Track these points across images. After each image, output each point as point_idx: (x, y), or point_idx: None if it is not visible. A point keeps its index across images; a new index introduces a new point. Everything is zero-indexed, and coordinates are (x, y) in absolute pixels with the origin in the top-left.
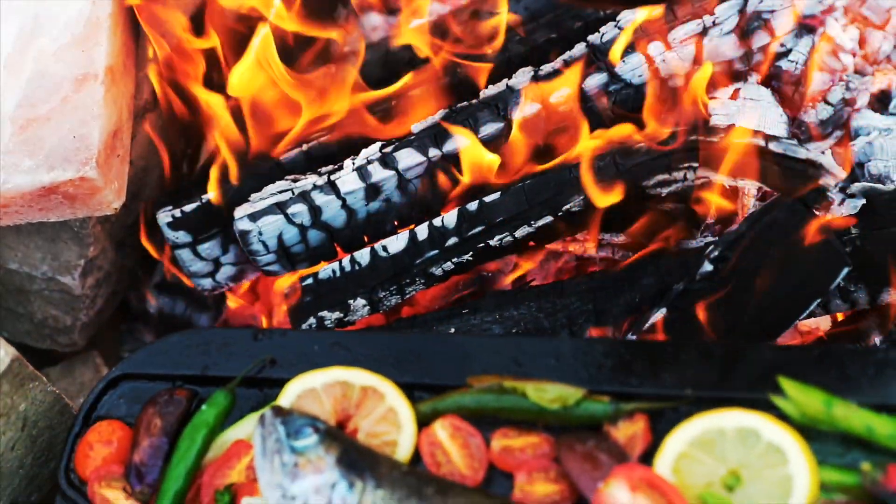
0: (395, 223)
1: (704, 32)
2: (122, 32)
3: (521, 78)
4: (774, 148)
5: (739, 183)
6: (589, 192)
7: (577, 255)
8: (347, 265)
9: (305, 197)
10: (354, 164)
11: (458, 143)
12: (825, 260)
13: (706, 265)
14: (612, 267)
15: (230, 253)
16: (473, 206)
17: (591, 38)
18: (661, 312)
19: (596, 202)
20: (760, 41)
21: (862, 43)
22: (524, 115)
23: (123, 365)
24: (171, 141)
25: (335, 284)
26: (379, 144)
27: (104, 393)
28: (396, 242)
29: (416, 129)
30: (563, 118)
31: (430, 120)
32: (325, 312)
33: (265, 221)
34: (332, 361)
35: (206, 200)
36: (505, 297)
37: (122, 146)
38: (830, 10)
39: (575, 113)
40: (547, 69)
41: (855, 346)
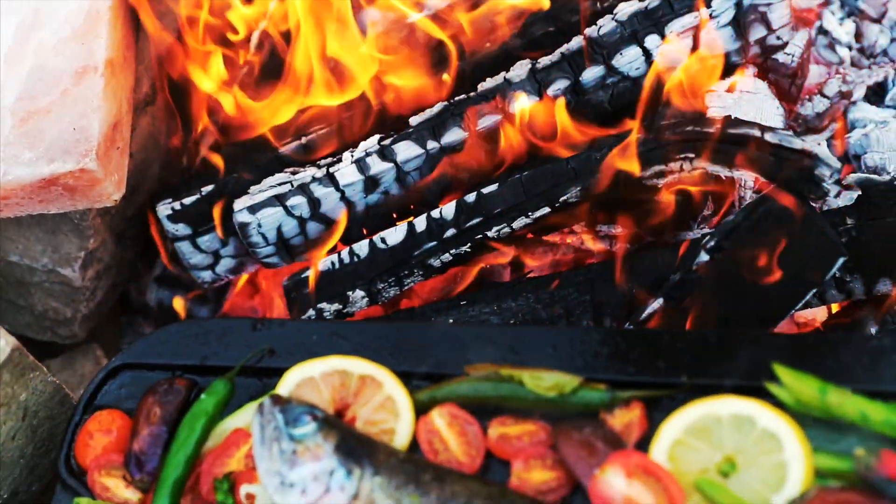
0: (393, 215)
1: (701, 25)
2: (121, 26)
3: (518, 71)
4: (770, 138)
5: (735, 174)
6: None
7: (574, 246)
8: (346, 257)
9: (304, 189)
10: (353, 156)
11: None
12: (821, 250)
13: (702, 255)
14: (609, 259)
15: (230, 245)
16: (471, 197)
17: (588, 31)
18: (657, 303)
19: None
20: (757, 34)
21: (858, 36)
22: (521, 108)
23: (123, 355)
24: (170, 133)
25: (334, 276)
26: (377, 137)
27: (104, 383)
28: (395, 234)
29: (414, 121)
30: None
31: (428, 112)
32: (324, 304)
33: (264, 213)
34: (330, 351)
35: (205, 193)
36: (503, 288)
37: (121, 138)
38: (826, 3)
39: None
40: (545, 62)
41: (849, 333)
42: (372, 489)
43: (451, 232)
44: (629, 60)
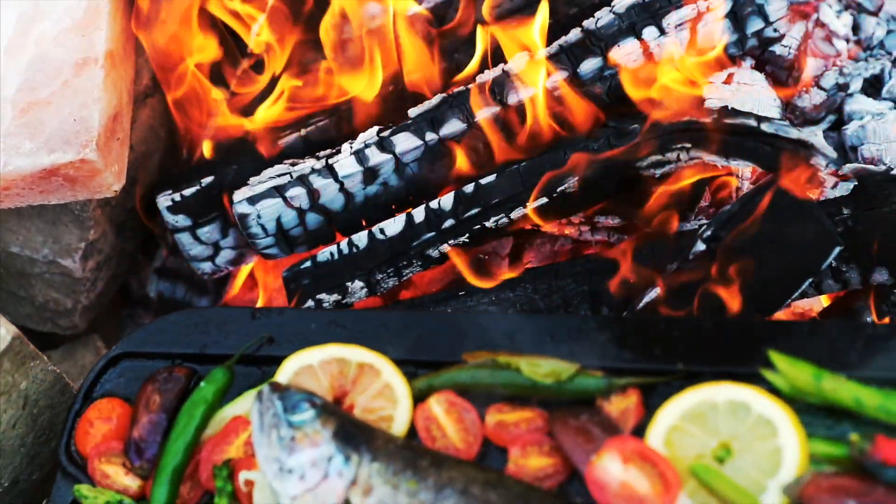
0: (392, 206)
1: (699, 17)
2: (121, 18)
3: (517, 62)
4: (766, 128)
5: (732, 163)
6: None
7: (572, 238)
8: (345, 248)
9: (304, 180)
10: (352, 148)
11: None
12: (817, 240)
13: (699, 244)
14: (607, 249)
15: (230, 237)
16: (469, 188)
17: (586, 23)
18: (654, 292)
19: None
20: (754, 26)
21: (855, 29)
22: (520, 99)
23: (123, 343)
24: (170, 126)
25: (333, 267)
26: (376, 129)
27: (104, 371)
28: (394, 225)
29: (413, 113)
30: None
31: (427, 104)
32: (323, 295)
33: (264, 205)
34: (329, 339)
35: (205, 184)
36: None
37: (122, 130)
38: None
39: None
40: (543, 54)
41: (844, 321)
42: (370, 475)
43: (449, 222)
44: (627, 52)
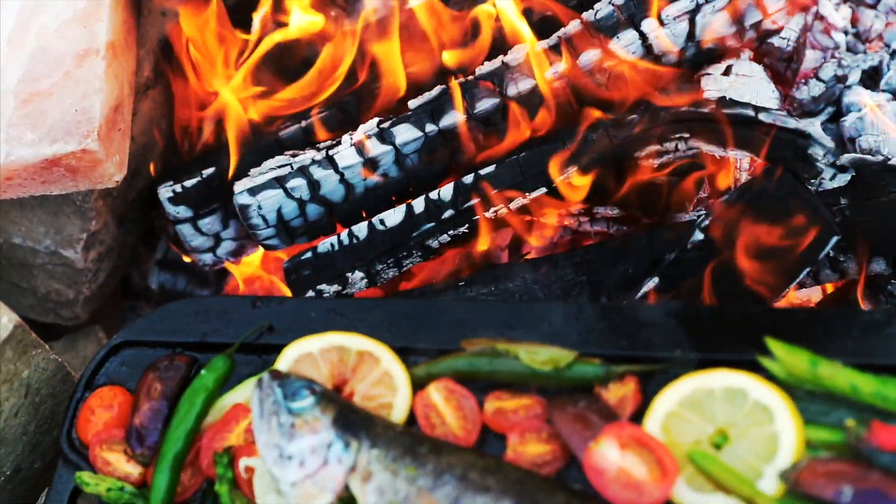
0: (392, 197)
1: (697, 9)
2: (122, 9)
3: (517, 54)
4: (764, 118)
5: (730, 153)
6: None
7: (571, 229)
8: (346, 239)
9: (304, 171)
10: (352, 139)
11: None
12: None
13: (697, 234)
14: (606, 240)
15: (230, 228)
16: (469, 178)
17: (585, 15)
18: (653, 282)
19: None
20: (752, 18)
21: (854, 21)
22: (520, 90)
23: (124, 332)
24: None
25: (333, 258)
26: (376, 120)
27: (105, 360)
28: (394, 216)
29: (413, 104)
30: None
31: (427, 96)
32: (323, 286)
33: (265, 196)
34: (328, 328)
35: (206, 176)
36: (500, 269)
37: (123, 120)
38: None
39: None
40: (542, 46)
41: (840, 309)
42: (369, 461)
43: (449, 213)
44: (626, 44)
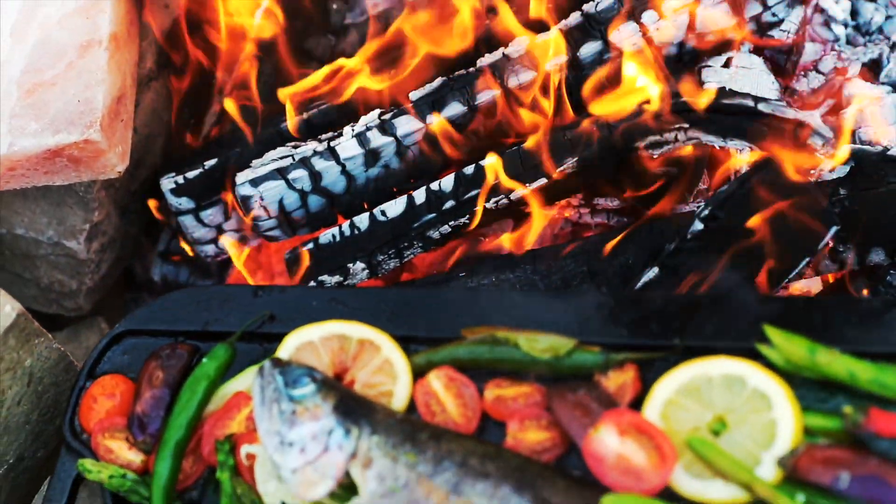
0: (393, 188)
1: (698, 1)
2: (125, 1)
3: (517, 46)
4: (763, 108)
5: (729, 143)
6: None
7: (572, 220)
8: (347, 230)
9: (306, 163)
10: (354, 130)
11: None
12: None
13: (696, 224)
14: (606, 231)
15: (232, 219)
16: (470, 169)
17: (585, 6)
18: (653, 271)
19: None
20: (752, 10)
21: (854, 14)
22: (519, 82)
23: (127, 321)
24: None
25: (335, 249)
26: (378, 112)
27: (108, 349)
28: (395, 207)
29: (414, 96)
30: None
31: (428, 87)
32: (325, 276)
33: (266, 187)
34: (329, 317)
35: (208, 167)
36: (501, 260)
37: (125, 111)
38: None
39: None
40: (543, 37)
41: (838, 297)
42: (370, 448)
43: (449, 203)
44: (626, 36)
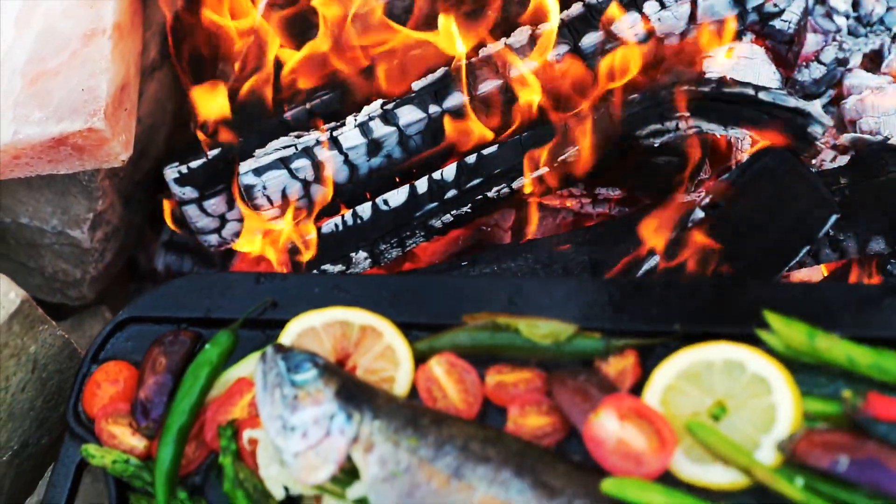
0: (396, 178)
1: None
2: None
3: (519, 37)
4: (764, 97)
5: (730, 132)
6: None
7: (574, 210)
8: (350, 219)
9: (308, 152)
10: (356, 120)
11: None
12: (814, 207)
13: (697, 212)
14: (607, 220)
15: (236, 209)
16: (472, 158)
17: None
18: (654, 259)
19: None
20: (754, 1)
21: (855, 5)
22: (522, 72)
23: (130, 308)
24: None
25: (338, 238)
26: (380, 101)
27: (111, 335)
28: (397, 196)
29: (416, 86)
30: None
31: (430, 77)
32: (327, 266)
33: (269, 176)
34: (331, 303)
35: (212, 157)
36: (503, 250)
37: (129, 100)
38: None
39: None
40: (544, 27)
41: (837, 282)
42: (371, 432)
43: (451, 193)
44: (628, 26)
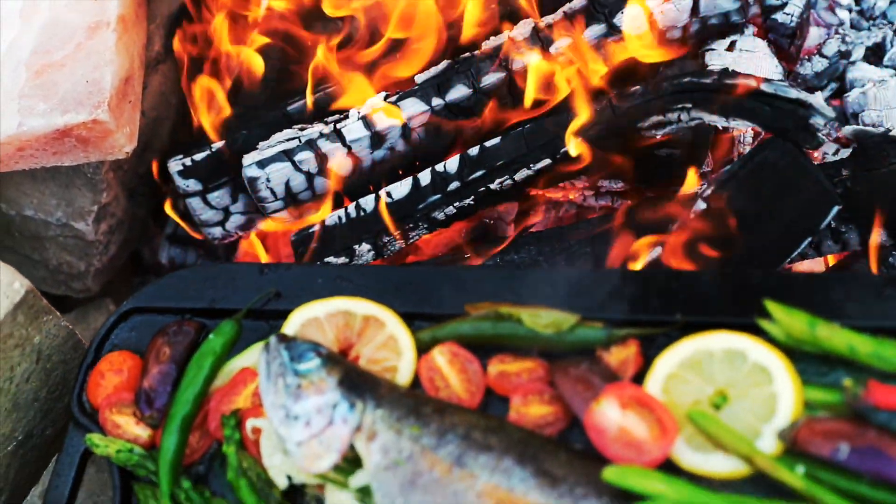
0: (399, 171)
1: None
2: None
3: (522, 29)
4: (766, 88)
5: (732, 124)
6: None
7: (576, 203)
8: (353, 211)
9: (312, 145)
10: (360, 112)
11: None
12: (816, 199)
13: (699, 203)
14: (610, 213)
15: (239, 201)
16: (474, 150)
17: None
18: (656, 251)
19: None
20: None
21: None
22: (524, 64)
23: (134, 299)
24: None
25: (341, 230)
26: (383, 94)
27: (115, 326)
28: (400, 188)
29: (419, 79)
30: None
31: (433, 70)
32: (331, 258)
33: (273, 168)
34: (335, 294)
35: (216, 149)
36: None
37: (133, 93)
38: None
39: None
40: (547, 20)
41: (838, 272)
42: (374, 421)
43: (455, 185)
44: (631, 18)
